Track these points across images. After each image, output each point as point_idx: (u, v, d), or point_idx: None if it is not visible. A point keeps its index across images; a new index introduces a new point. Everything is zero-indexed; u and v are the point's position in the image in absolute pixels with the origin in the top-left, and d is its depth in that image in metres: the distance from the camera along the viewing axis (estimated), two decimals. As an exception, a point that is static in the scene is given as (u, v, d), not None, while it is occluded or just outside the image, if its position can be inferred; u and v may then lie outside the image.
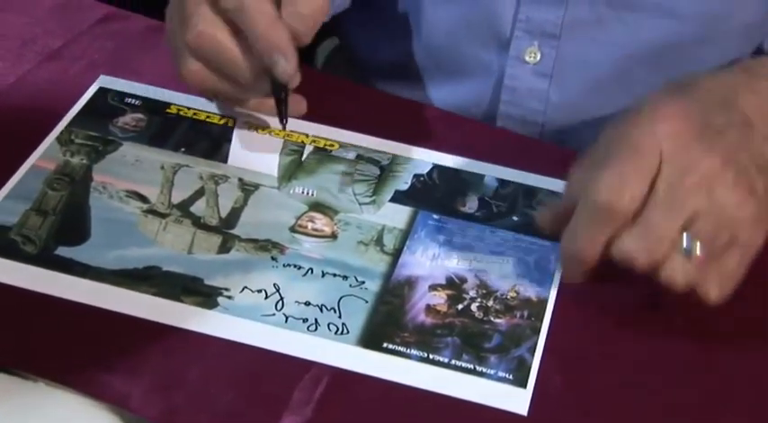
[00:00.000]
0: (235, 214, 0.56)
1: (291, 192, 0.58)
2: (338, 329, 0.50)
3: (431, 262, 0.54)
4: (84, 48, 0.68)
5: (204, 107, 0.63)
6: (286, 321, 0.50)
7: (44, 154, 0.59)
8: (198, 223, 0.56)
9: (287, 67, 0.55)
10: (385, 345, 0.50)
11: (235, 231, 0.55)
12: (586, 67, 0.73)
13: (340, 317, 0.51)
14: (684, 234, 0.50)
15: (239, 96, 0.60)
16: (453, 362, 0.49)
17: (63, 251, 0.53)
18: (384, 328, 0.50)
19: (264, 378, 0.49)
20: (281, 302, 0.51)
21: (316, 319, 0.50)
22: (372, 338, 0.50)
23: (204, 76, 0.58)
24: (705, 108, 0.53)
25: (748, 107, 0.55)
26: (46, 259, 0.53)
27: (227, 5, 0.55)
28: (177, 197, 0.57)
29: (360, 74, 0.83)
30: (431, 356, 0.49)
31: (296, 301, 0.51)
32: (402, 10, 0.79)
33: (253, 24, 0.55)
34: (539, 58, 0.73)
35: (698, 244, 0.50)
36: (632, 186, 0.50)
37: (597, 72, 0.73)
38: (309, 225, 0.56)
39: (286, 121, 0.58)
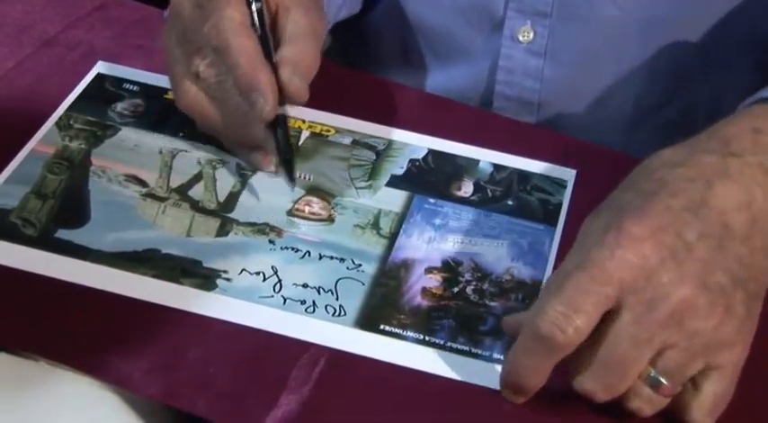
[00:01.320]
0: (233, 198, 0.57)
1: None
2: (335, 311, 0.51)
3: (427, 245, 0.55)
4: (82, 34, 0.69)
5: None
6: (284, 303, 0.51)
7: (43, 138, 0.59)
8: (196, 207, 0.56)
9: (265, 106, 0.54)
10: (382, 326, 0.50)
11: (233, 215, 0.56)
12: (579, 43, 0.74)
13: (337, 299, 0.51)
14: (652, 368, 0.47)
15: (228, 134, 0.59)
16: (449, 344, 0.50)
17: (63, 234, 0.54)
18: (381, 311, 0.51)
19: (262, 358, 0.49)
20: (278, 285, 0.52)
21: (313, 301, 0.51)
22: (369, 320, 0.51)
23: (200, 102, 0.58)
24: (676, 220, 0.49)
25: (725, 201, 0.50)
26: (46, 242, 0.53)
27: (213, 44, 0.56)
28: (176, 181, 0.58)
29: (355, 68, 0.84)
30: (427, 338, 0.50)
31: (294, 284, 0.52)
32: (378, 9, 0.79)
33: (235, 64, 0.55)
34: (532, 37, 0.74)
35: (663, 378, 0.47)
36: (579, 319, 0.46)
37: (590, 48, 0.73)
38: (306, 209, 0.57)
39: (294, 184, 0.57)
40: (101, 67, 0.65)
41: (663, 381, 0.47)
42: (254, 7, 0.56)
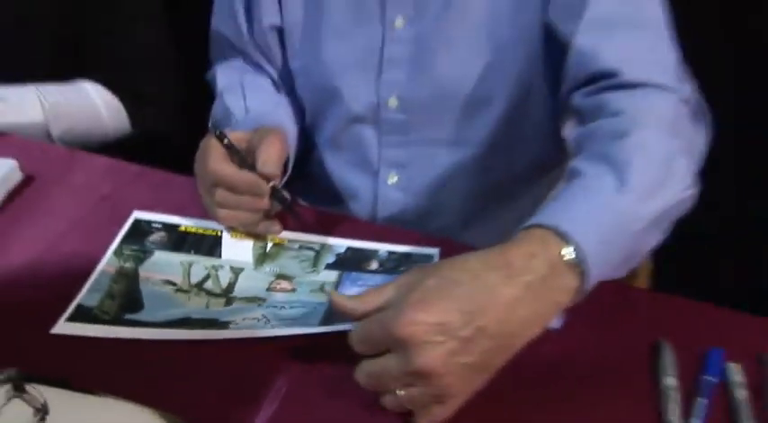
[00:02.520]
0: (231, 286, 0.88)
1: (264, 270, 0.90)
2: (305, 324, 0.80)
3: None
4: (127, 192, 0.96)
5: (202, 226, 0.93)
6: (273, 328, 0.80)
7: (107, 263, 0.89)
8: (209, 293, 0.86)
9: (263, 188, 0.85)
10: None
11: (233, 295, 0.86)
12: (426, 181, 1.03)
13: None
14: (399, 389, 0.68)
15: (250, 221, 0.89)
16: None
17: (128, 316, 0.82)
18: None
19: (246, 382, 0.75)
20: (269, 323, 0.81)
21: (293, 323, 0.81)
22: (330, 321, 0.79)
23: (231, 215, 0.88)
24: (447, 317, 0.65)
25: (487, 313, 0.66)
26: (117, 322, 0.81)
27: (213, 180, 0.85)
28: (194, 280, 0.88)
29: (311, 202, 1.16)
30: None
31: (280, 320, 0.81)
32: (310, 165, 1.08)
33: (231, 184, 0.85)
34: (396, 179, 1.04)
35: (407, 394, 0.68)
36: (360, 347, 0.69)
37: (435, 182, 1.03)
38: (278, 286, 0.87)
39: (298, 217, 0.89)
40: (137, 214, 0.94)
41: (403, 399, 0.69)
42: (224, 141, 0.87)
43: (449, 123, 1.01)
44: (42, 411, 0.71)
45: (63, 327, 0.81)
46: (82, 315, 0.82)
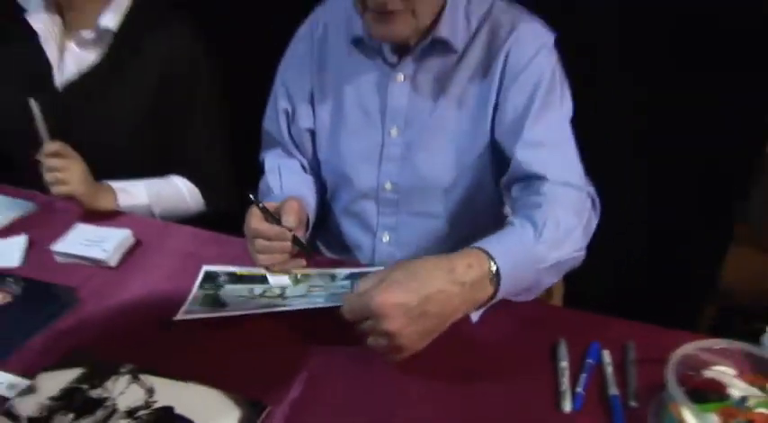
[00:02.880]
0: (281, 296, 1.25)
1: (300, 286, 1.28)
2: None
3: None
4: (203, 250, 1.31)
5: (251, 270, 1.29)
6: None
7: (196, 292, 1.27)
8: (269, 297, 1.22)
9: (287, 236, 1.17)
10: None
11: (285, 295, 1.24)
12: (412, 238, 1.34)
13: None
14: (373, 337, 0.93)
15: (281, 260, 1.21)
16: None
17: (216, 310, 1.21)
18: None
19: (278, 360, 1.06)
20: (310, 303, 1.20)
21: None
22: None
23: (267, 258, 1.20)
24: (406, 300, 0.86)
25: (431, 300, 0.88)
26: (212, 312, 1.19)
27: (252, 234, 1.17)
28: (255, 294, 1.26)
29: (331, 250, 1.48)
30: None
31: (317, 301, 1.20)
32: (329, 226, 1.42)
33: (266, 236, 1.17)
34: (388, 238, 1.36)
35: (375, 341, 0.91)
36: (348, 315, 0.93)
37: (417, 240, 1.34)
38: (313, 290, 1.24)
39: (313, 257, 1.21)
40: (206, 268, 1.31)
41: (374, 344, 0.95)
42: (260, 206, 1.19)
43: (426, 202, 1.33)
44: (150, 392, 1.03)
45: (182, 315, 1.19)
46: (189, 311, 1.21)
